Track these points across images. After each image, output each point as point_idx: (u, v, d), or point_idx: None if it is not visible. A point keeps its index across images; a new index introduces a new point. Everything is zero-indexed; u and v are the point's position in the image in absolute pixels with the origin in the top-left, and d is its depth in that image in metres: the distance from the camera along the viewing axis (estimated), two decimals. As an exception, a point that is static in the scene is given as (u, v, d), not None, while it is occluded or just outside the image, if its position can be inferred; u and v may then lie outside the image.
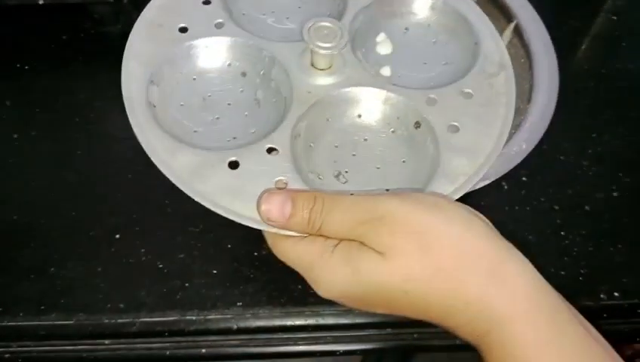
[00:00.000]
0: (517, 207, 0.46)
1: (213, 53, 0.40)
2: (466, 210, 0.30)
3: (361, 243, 0.30)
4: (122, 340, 0.42)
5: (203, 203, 0.33)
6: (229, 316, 0.42)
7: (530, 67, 0.54)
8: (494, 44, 0.41)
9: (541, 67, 0.53)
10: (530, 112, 0.50)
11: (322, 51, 0.37)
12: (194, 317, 0.42)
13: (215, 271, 0.43)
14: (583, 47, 0.60)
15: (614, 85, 0.56)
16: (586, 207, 0.47)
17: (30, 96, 0.52)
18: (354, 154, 0.38)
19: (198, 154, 0.35)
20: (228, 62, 0.41)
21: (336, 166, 0.37)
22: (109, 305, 0.41)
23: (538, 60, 0.54)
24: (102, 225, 0.45)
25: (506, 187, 0.46)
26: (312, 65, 0.39)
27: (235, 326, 0.42)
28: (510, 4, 0.57)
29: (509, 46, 0.58)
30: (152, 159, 0.34)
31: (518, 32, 0.58)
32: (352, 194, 0.32)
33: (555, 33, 0.56)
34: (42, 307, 0.41)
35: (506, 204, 0.44)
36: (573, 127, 0.51)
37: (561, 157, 0.50)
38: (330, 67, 0.39)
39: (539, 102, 0.50)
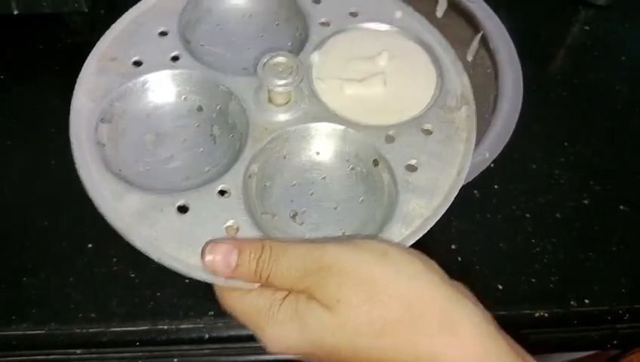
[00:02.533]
0: (488, 215, 0.46)
1: (168, 87, 0.39)
2: (416, 258, 0.30)
3: (310, 295, 0.29)
4: (94, 350, 0.42)
5: (145, 251, 0.31)
6: (200, 325, 0.42)
7: (496, 77, 0.55)
8: (457, 76, 0.40)
9: (506, 77, 0.54)
10: (494, 122, 0.50)
11: (277, 89, 0.36)
12: (165, 327, 0.42)
13: (187, 281, 0.42)
14: (556, 56, 0.60)
15: (586, 94, 0.56)
16: (557, 215, 0.47)
17: (5, 105, 0.52)
18: (311, 193, 0.37)
19: (146, 198, 0.34)
20: (184, 97, 0.39)
21: (292, 205, 0.36)
22: (80, 315, 0.41)
23: (503, 70, 0.54)
24: (74, 234, 0.45)
25: (477, 195, 0.46)
26: (269, 100, 0.38)
27: (206, 336, 0.42)
28: (477, 14, 0.58)
29: (476, 57, 0.59)
30: (96, 203, 0.33)
31: (484, 42, 0.58)
32: (303, 240, 0.31)
33: (527, 43, 0.58)
34: (13, 317, 0.41)
35: (478, 212, 0.44)
36: (545, 135, 0.51)
37: (533, 166, 0.50)
38: (287, 102, 0.38)
39: (503, 112, 0.51)
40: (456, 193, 0.35)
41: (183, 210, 0.33)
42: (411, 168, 0.36)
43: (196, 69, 0.39)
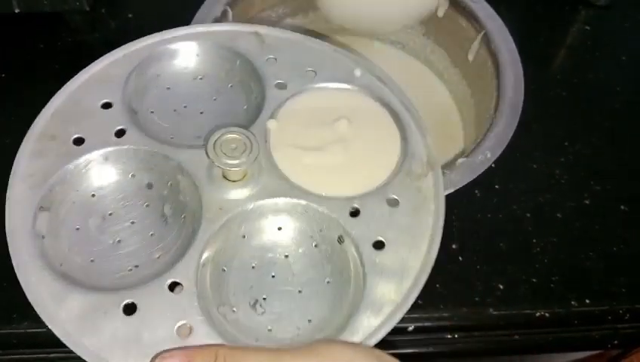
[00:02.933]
0: (489, 215, 0.46)
1: (113, 165, 0.36)
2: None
3: None
4: None
5: None
6: None
7: (497, 77, 0.54)
8: (421, 137, 0.39)
9: (507, 77, 0.53)
10: (495, 122, 0.50)
11: (230, 169, 0.33)
12: None
13: None
14: (556, 56, 0.60)
15: (586, 94, 0.56)
16: (558, 215, 0.47)
17: (5, 104, 0.51)
18: (273, 276, 0.34)
19: (89, 298, 0.31)
20: (131, 174, 0.37)
21: (252, 292, 0.34)
22: None
23: (504, 70, 0.54)
24: None
25: (478, 194, 0.46)
26: (224, 176, 0.35)
27: None
28: (478, 14, 0.58)
29: (477, 56, 0.59)
30: (36, 310, 0.30)
31: (485, 42, 0.58)
32: (259, 349, 0.28)
33: (527, 43, 0.57)
34: (14, 315, 0.40)
35: (479, 212, 0.43)
36: (545, 135, 0.51)
37: (534, 166, 0.49)
38: (243, 177, 0.35)
39: (504, 112, 0.50)
40: (427, 275, 0.32)
41: (129, 310, 0.30)
42: (379, 245, 0.34)
43: (143, 144, 0.36)
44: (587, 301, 0.43)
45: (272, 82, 0.40)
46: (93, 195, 0.36)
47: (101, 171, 0.36)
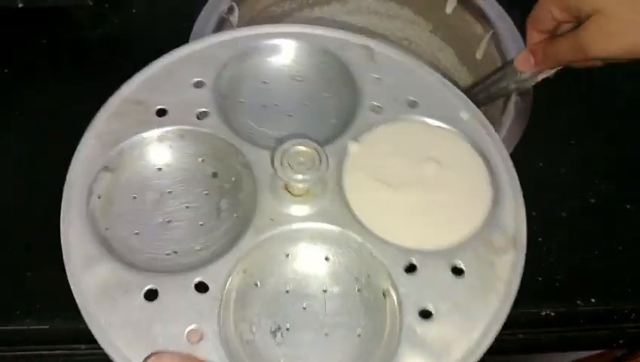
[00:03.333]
0: None
1: (187, 144, 0.36)
2: None
3: None
4: (98, 345, 0.39)
5: (97, 338, 0.28)
6: None
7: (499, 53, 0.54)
8: (514, 210, 0.34)
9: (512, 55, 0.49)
10: (504, 123, 0.49)
11: (294, 183, 0.31)
12: None
13: None
14: None
15: (593, 93, 0.55)
16: (563, 214, 0.47)
17: (7, 99, 0.51)
18: (304, 307, 0.32)
19: (118, 272, 0.30)
20: (201, 159, 0.36)
21: (277, 318, 0.31)
22: None
23: (510, 50, 0.53)
24: None
25: None
26: (286, 188, 0.33)
27: None
28: (488, 12, 0.56)
29: (485, 54, 0.58)
30: (66, 269, 0.30)
31: (494, 40, 0.56)
32: None
33: None
34: (17, 312, 0.40)
35: None
36: (550, 134, 0.51)
37: (540, 164, 0.49)
38: (306, 193, 0.33)
39: (513, 111, 0.50)
40: (472, 363, 0.28)
41: (150, 296, 0.29)
42: (425, 314, 0.30)
43: (222, 132, 0.35)
44: (593, 300, 0.43)
45: (368, 103, 0.37)
46: (159, 169, 0.35)
47: (174, 147, 0.35)
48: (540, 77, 0.45)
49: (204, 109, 0.36)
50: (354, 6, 0.64)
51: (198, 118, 0.36)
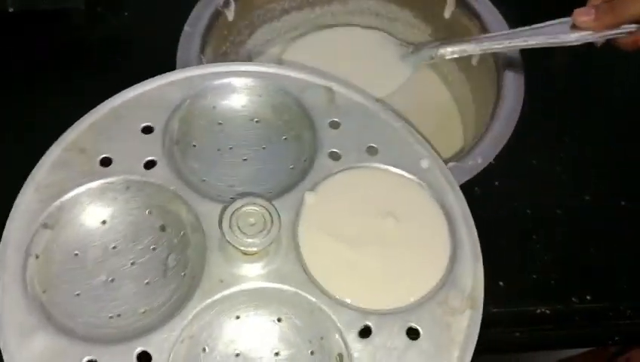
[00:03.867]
0: (489, 212, 0.44)
1: (134, 195, 0.34)
2: None
3: None
4: None
5: None
6: None
7: (498, 82, 0.52)
8: (472, 267, 0.33)
9: (507, 84, 0.51)
10: (491, 127, 0.48)
11: (242, 248, 0.30)
12: None
13: None
14: (557, 53, 0.56)
15: (587, 90, 0.55)
16: (558, 211, 0.46)
17: (3, 102, 0.50)
18: (255, 372, 0.30)
19: (56, 343, 0.28)
20: (148, 210, 0.34)
21: (227, 385, 0.30)
22: None
23: (505, 77, 0.52)
24: None
25: (478, 191, 0.45)
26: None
27: None
28: (485, 19, 0.55)
29: (481, 61, 0.57)
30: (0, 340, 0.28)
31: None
32: None
33: None
34: None
35: (478, 209, 0.40)
36: (545, 132, 0.51)
37: (534, 162, 0.49)
38: (257, 252, 0.32)
39: (501, 118, 0.49)
40: None
41: (89, 370, 0.28)
42: (379, 382, 0.29)
43: (170, 183, 0.34)
44: (588, 297, 0.43)
45: (327, 149, 0.36)
46: (103, 222, 0.34)
47: (119, 199, 0.34)
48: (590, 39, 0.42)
49: (152, 158, 0.34)
50: (355, 6, 0.63)
51: (146, 168, 0.34)
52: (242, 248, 0.30)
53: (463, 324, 0.31)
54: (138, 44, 0.54)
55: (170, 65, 0.48)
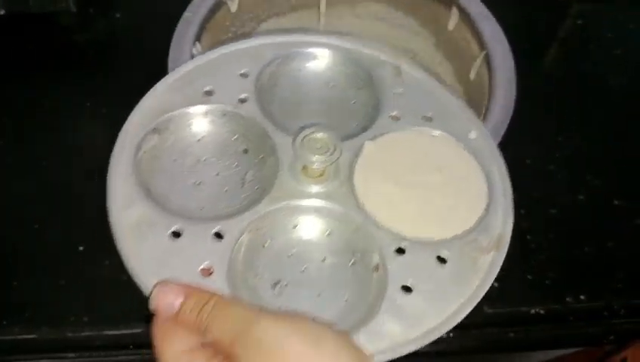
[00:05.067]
0: None
1: (226, 122, 0.41)
2: (350, 352, 0.27)
3: None
4: (86, 354, 0.42)
5: (125, 262, 0.33)
6: None
7: (490, 79, 0.53)
8: (503, 216, 0.38)
9: (501, 80, 0.52)
10: (487, 121, 0.49)
11: (311, 165, 0.36)
12: None
13: None
14: (550, 50, 0.60)
15: (580, 89, 0.56)
16: (552, 211, 0.47)
17: None
18: (302, 271, 0.36)
19: (151, 211, 0.35)
20: (235, 136, 0.41)
21: (278, 274, 0.36)
22: (72, 318, 0.41)
23: (497, 70, 0.53)
24: (65, 237, 0.45)
25: None
26: (303, 169, 0.38)
27: None
28: (484, 33, 0.56)
29: (478, 75, 0.58)
30: (107, 204, 0.35)
31: (487, 62, 0.56)
32: (248, 305, 0.30)
33: (520, 37, 0.56)
34: (4, 321, 0.41)
35: None
36: (539, 130, 0.51)
37: (528, 161, 0.49)
38: (319, 176, 0.38)
39: (494, 118, 0.49)
40: (436, 338, 0.32)
41: (175, 235, 0.34)
42: (407, 289, 0.34)
43: (256, 117, 0.41)
44: (582, 297, 0.43)
45: (389, 112, 0.42)
46: (198, 140, 0.41)
47: (214, 123, 0.41)
48: None
49: (245, 95, 0.42)
50: (362, 11, 0.63)
51: (239, 102, 0.41)
52: (308, 164, 0.36)
53: (487, 261, 0.35)
54: (130, 45, 0.56)
55: (162, 65, 0.50)
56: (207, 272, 0.33)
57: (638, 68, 0.60)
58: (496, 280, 0.40)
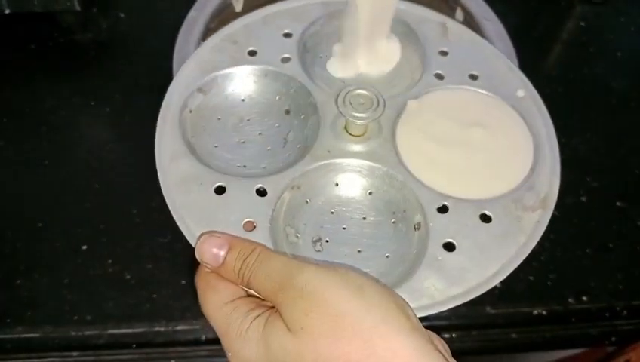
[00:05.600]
0: None
1: (268, 83, 0.41)
2: (392, 299, 0.27)
3: (279, 313, 0.28)
4: (90, 352, 0.42)
5: (173, 214, 0.34)
6: (197, 326, 0.42)
7: None
8: (549, 175, 0.36)
9: None
10: None
11: (354, 121, 0.36)
12: (162, 329, 0.42)
13: (184, 282, 0.43)
14: (552, 52, 0.60)
15: (582, 90, 0.56)
16: (554, 212, 0.45)
17: None
18: (344, 228, 0.36)
19: (197, 167, 0.36)
20: (278, 96, 0.41)
21: (320, 231, 0.36)
22: (75, 317, 0.42)
23: None
24: (68, 235, 0.45)
25: None
26: (345, 127, 0.38)
27: (203, 337, 0.42)
28: (487, 32, 0.55)
29: None
30: (156, 159, 0.36)
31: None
32: (291, 257, 0.30)
33: (523, 38, 0.56)
34: (8, 320, 0.41)
35: None
36: None
37: None
38: (361, 135, 0.38)
39: None
40: (478, 295, 0.31)
41: (219, 191, 0.35)
42: (449, 247, 0.33)
43: (299, 76, 0.41)
44: (584, 298, 0.43)
45: (433, 70, 0.42)
46: (243, 100, 0.41)
47: (258, 83, 0.41)
48: None
49: (288, 55, 0.42)
50: None
51: (282, 62, 0.42)
52: (350, 119, 0.36)
53: (534, 219, 0.35)
54: (133, 45, 0.56)
55: (166, 65, 0.50)
56: (251, 226, 0.34)
57: (639, 70, 0.59)
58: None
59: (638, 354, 0.46)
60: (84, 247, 0.45)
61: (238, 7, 0.57)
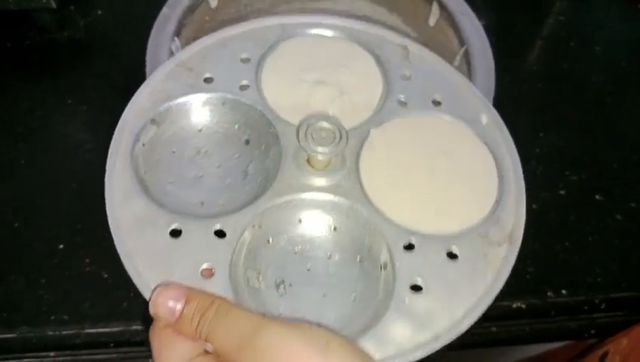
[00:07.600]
0: None
1: (227, 111, 0.39)
2: (358, 356, 0.26)
3: None
4: (67, 352, 0.42)
5: (123, 261, 0.32)
6: None
7: (469, 73, 0.52)
8: (515, 206, 0.36)
9: (479, 77, 0.51)
10: None
11: (314, 155, 0.34)
12: (140, 328, 0.41)
13: None
14: (531, 47, 0.60)
15: (561, 85, 0.56)
16: (533, 206, 0.46)
17: None
18: (309, 269, 0.35)
19: (150, 208, 0.34)
20: (237, 125, 0.40)
21: (282, 273, 0.34)
22: (53, 317, 0.41)
23: (477, 71, 0.52)
24: (44, 236, 0.44)
25: None
26: (307, 161, 0.36)
27: None
28: (464, 29, 0.55)
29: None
30: (106, 199, 0.34)
31: (466, 58, 0.54)
32: (252, 311, 0.28)
33: (502, 34, 0.56)
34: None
35: None
36: (519, 126, 0.48)
37: None
38: (324, 167, 0.36)
39: None
40: (447, 342, 0.30)
41: (174, 234, 0.33)
42: (416, 288, 0.32)
43: (258, 105, 0.39)
44: (563, 291, 0.43)
45: (396, 96, 0.40)
46: (199, 130, 0.39)
47: (215, 112, 0.39)
48: None
49: (246, 82, 0.40)
50: (345, 7, 0.63)
51: (240, 90, 0.40)
52: (312, 154, 0.35)
53: (501, 255, 0.34)
54: (110, 43, 0.55)
55: (143, 62, 0.49)
56: (209, 272, 0.32)
57: (618, 65, 0.60)
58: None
59: (616, 346, 0.46)
60: (61, 247, 0.44)
61: (214, 3, 0.56)
